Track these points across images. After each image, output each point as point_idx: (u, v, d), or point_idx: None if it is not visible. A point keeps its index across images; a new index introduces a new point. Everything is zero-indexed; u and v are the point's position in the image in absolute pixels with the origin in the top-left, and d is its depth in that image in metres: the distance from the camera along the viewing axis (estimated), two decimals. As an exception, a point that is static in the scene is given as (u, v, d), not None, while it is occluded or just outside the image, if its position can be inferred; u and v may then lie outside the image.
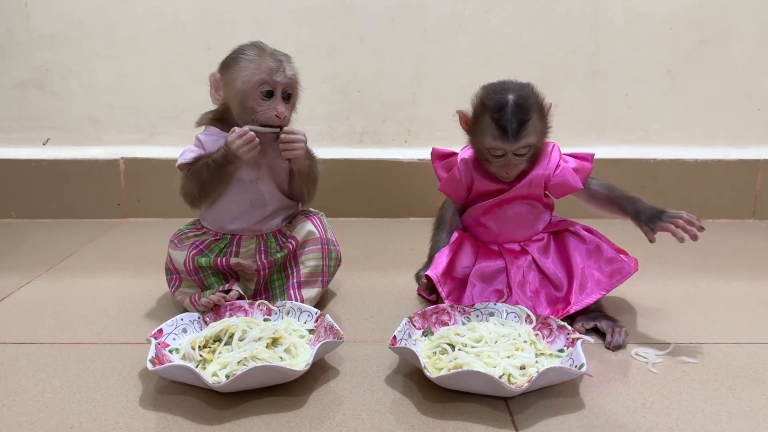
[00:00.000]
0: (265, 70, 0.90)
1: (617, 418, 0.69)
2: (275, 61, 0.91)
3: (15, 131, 1.59)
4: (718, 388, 0.76)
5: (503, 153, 0.89)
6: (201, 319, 0.85)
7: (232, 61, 0.92)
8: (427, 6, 1.55)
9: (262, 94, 0.91)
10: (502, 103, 0.86)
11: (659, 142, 1.61)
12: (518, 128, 0.86)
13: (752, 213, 1.59)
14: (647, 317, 0.97)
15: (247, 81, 0.90)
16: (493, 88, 0.90)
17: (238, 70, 0.91)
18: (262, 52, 0.92)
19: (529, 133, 0.87)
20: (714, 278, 1.16)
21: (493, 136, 0.87)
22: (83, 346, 0.86)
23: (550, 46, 1.56)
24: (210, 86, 0.94)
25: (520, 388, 0.70)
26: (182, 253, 0.96)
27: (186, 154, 0.95)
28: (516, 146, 0.87)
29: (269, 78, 0.90)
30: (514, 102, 0.86)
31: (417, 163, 1.57)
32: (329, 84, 1.58)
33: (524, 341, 0.80)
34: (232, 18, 1.55)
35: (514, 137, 0.86)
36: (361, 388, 0.75)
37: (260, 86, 0.90)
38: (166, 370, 0.72)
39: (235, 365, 0.73)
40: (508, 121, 0.86)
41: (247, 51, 0.92)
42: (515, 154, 0.89)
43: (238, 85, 0.91)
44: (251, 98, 0.91)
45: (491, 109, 0.87)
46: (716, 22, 1.55)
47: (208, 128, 0.96)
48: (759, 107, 1.59)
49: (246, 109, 0.91)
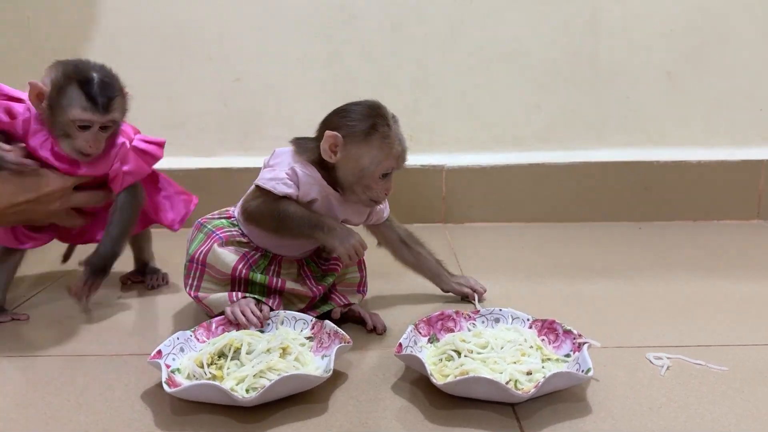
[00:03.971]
0: (394, 158, 0.89)
1: (625, 422, 0.69)
2: (402, 144, 0.89)
3: (18, 144, 1.59)
4: (725, 391, 0.75)
5: (90, 125, 0.92)
6: (193, 336, 0.84)
7: (363, 136, 0.87)
8: (427, 12, 1.55)
9: (382, 176, 0.89)
10: (90, 77, 0.90)
11: (661, 144, 1.60)
12: (107, 102, 0.91)
13: (756, 213, 1.59)
14: (653, 320, 0.97)
15: (377, 164, 0.88)
16: (75, 63, 0.93)
17: (369, 148, 0.87)
18: (391, 133, 0.88)
19: (117, 110, 0.93)
20: (720, 279, 1.16)
21: (82, 107, 0.90)
22: (89, 358, 0.86)
23: (550, 50, 1.56)
24: (326, 143, 0.88)
25: (527, 394, 0.70)
26: (231, 255, 0.92)
27: (277, 184, 0.89)
28: (105, 119, 0.92)
29: (396, 165, 0.89)
30: (100, 78, 0.91)
31: (420, 168, 1.57)
32: (330, 91, 1.58)
33: (530, 346, 0.80)
34: (233, 27, 1.56)
35: (105, 109, 0.91)
36: (368, 395, 0.75)
37: (385, 170, 0.89)
38: (188, 390, 0.70)
39: (252, 378, 0.73)
40: (97, 94, 0.90)
41: (380, 128, 0.88)
42: (102, 128, 0.93)
43: (364, 164, 0.88)
44: (372, 178, 0.89)
45: (79, 82, 0.90)
46: (716, 24, 1.55)
47: (308, 166, 0.91)
48: (761, 108, 1.59)
49: (361, 184, 0.90)
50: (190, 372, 0.76)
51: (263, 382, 0.72)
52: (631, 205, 1.58)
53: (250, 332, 0.84)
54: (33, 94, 0.91)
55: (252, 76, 1.60)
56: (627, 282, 1.14)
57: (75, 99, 0.90)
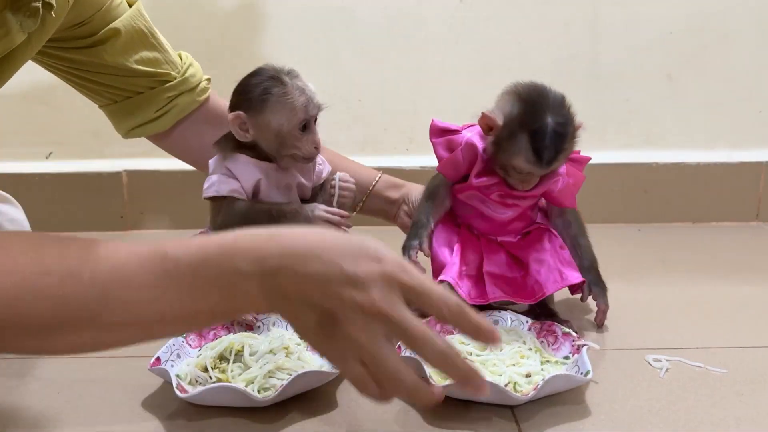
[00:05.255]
0: (300, 110, 0.88)
1: (624, 425, 0.69)
2: (304, 94, 0.88)
3: (18, 145, 1.59)
4: (725, 394, 0.75)
5: (529, 172, 0.86)
6: (185, 342, 0.83)
7: (260, 104, 0.87)
8: (426, 15, 1.55)
9: (300, 132, 0.89)
10: (543, 128, 0.82)
11: (661, 146, 1.60)
12: (554, 155, 0.83)
13: (756, 215, 1.59)
14: (653, 322, 0.97)
15: (287, 123, 0.88)
16: (533, 103, 0.84)
17: (271, 112, 0.87)
18: (287, 89, 0.88)
19: (562, 159, 0.85)
20: (719, 281, 1.16)
21: (527, 159, 0.83)
22: (88, 360, 0.86)
23: (550, 52, 1.56)
24: (234, 125, 0.89)
25: (526, 397, 0.70)
26: None
27: (218, 185, 0.90)
28: (547, 171, 0.85)
29: (305, 115, 0.88)
30: (554, 129, 0.82)
31: (419, 170, 1.57)
32: (330, 93, 1.56)
33: (529, 349, 0.80)
34: (231, 29, 1.56)
35: (548, 164, 0.83)
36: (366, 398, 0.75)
37: (299, 124, 0.88)
38: (203, 394, 0.70)
39: (261, 379, 0.73)
40: (545, 148, 0.82)
41: (273, 89, 0.87)
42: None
43: (275, 128, 0.88)
44: (292, 137, 0.89)
45: (530, 132, 0.82)
46: (716, 26, 1.55)
47: (236, 156, 0.91)
48: (760, 110, 1.59)
49: (286, 147, 0.89)
50: (192, 377, 0.76)
51: (273, 382, 0.73)
52: (630, 207, 1.58)
53: (247, 334, 0.84)
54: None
55: (251, 78, 1.60)
56: (626, 284, 1.13)
57: (521, 148, 0.83)
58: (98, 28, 0.94)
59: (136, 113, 1.04)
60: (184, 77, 1.04)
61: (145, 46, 0.99)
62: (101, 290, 0.54)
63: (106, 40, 0.95)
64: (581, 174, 0.94)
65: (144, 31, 0.99)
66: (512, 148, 0.84)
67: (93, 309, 0.54)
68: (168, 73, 1.02)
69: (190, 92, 1.05)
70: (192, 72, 1.06)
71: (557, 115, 0.83)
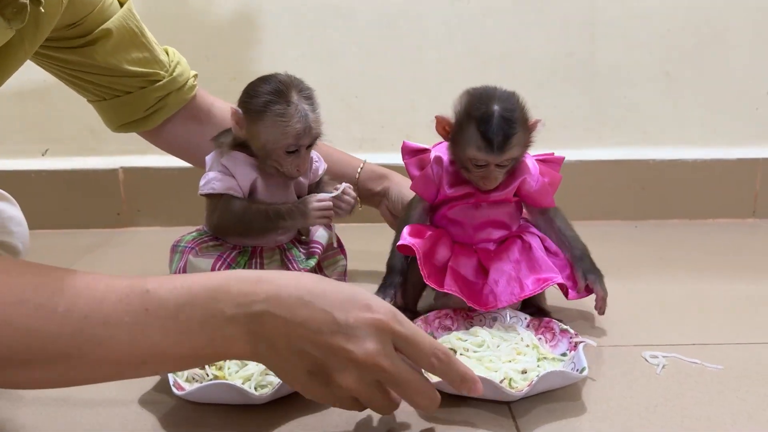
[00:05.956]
0: (292, 135, 0.87)
1: (620, 422, 0.69)
2: (303, 122, 0.87)
3: (14, 142, 1.59)
4: (721, 390, 0.75)
5: (485, 164, 0.86)
6: None
7: (258, 115, 0.87)
8: (423, 12, 1.55)
9: (286, 153, 0.89)
10: (489, 112, 0.84)
11: (658, 143, 1.60)
12: (503, 140, 0.84)
13: (752, 212, 1.59)
14: (649, 319, 0.97)
15: (274, 142, 0.88)
16: (479, 96, 0.87)
17: (264, 126, 0.87)
18: (288, 110, 0.86)
19: (515, 146, 0.85)
20: (716, 278, 1.16)
21: (477, 146, 0.85)
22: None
23: (547, 49, 1.56)
24: (232, 119, 0.90)
25: (521, 393, 0.70)
26: (206, 261, 0.92)
27: (213, 182, 0.91)
28: (500, 159, 0.86)
29: (295, 142, 0.88)
30: (500, 114, 0.84)
31: (416, 168, 1.57)
32: (327, 91, 1.57)
33: (526, 345, 0.80)
34: (228, 27, 1.56)
35: (499, 149, 0.84)
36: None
37: (286, 148, 0.88)
38: (201, 391, 0.70)
39: (258, 376, 0.73)
40: (494, 133, 0.83)
41: (274, 105, 0.86)
42: (497, 166, 0.87)
43: (263, 142, 0.88)
44: (275, 154, 0.89)
45: (477, 119, 0.85)
46: (713, 24, 1.55)
47: (232, 153, 0.92)
48: (757, 107, 1.59)
49: (270, 158, 0.90)
50: (189, 374, 0.76)
51: (270, 379, 0.73)
52: (626, 204, 1.58)
53: None
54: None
55: (249, 76, 1.59)
56: (622, 280, 1.13)
57: (471, 138, 0.85)
58: (91, 28, 0.93)
59: (125, 111, 1.04)
60: (172, 77, 1.04)
61: (135, 46, 0.99)
62: (76, 325, 0.51)
63: (97, 40, 0.95)
64: (557, 174, 0.95)
65: (135, 31, 0.99)
66: (463, 140, 0.86)
67: (65, 344, 0.51)
68: (157, 72, 1.02)
69: (178, 91, 1.05)
70: (180, 71, 1.06)
71: (504, 103, 0.85)
